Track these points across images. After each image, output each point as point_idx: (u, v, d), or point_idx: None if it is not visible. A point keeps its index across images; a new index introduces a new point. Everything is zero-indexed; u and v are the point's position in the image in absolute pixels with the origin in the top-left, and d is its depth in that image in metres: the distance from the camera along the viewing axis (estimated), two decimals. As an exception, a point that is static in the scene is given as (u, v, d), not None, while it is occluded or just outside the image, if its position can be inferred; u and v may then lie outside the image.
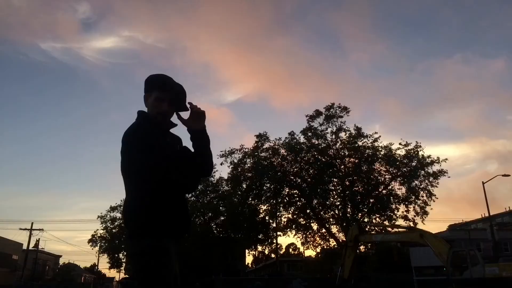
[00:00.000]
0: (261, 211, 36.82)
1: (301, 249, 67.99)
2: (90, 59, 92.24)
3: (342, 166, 33.89)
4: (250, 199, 35.65)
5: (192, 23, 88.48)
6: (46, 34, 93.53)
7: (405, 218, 32.00)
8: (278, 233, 37.54)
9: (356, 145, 33.02)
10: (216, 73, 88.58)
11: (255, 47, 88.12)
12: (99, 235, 48.43)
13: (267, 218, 37.16)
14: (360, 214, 33.26)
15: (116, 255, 46.54)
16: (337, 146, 33.88)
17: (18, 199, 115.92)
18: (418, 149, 32.23)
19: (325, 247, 35.92)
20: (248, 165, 34.29)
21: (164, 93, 2.31)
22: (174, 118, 2.44)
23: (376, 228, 27.75)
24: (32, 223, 45.80)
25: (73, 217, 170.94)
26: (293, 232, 34.36)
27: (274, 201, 35.00)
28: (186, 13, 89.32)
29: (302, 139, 33.94)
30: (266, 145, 34.10)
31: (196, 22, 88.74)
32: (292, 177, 34.58)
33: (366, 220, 32.71)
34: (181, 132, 2.47)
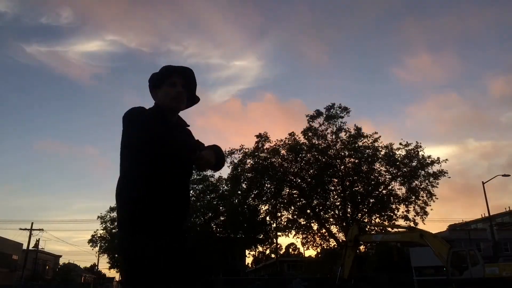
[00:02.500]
0: (261, 211, 36.86)
1: (301, 249, 68.15)
2: (75, 62, 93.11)
3: (342, 166, 33.89)
4: (250, 199, 35.66)
5: (177, 26, 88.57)
6: (31, 37, 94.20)
7: (405, 218, 32.05)
8: (278, 233, 37.57)
9: (356, 145, 33.06)
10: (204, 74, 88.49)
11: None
12: (99, 235, 48.54)
13: (267, 218, 37.19)
14: (360, 214, 33.29)
15: (116, 255, 46.50)
16: (337, 146, 33.90)
17: (18, 199, 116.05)
18: (419, 149, 32.34)
19: (325, 247, 35.90)
20: (248, 165, 34.29)
21: (176, 77, 2.31)
22: (185, 116, 2.44)
23: (376, 228, 27.73)
24: (32, 223, 45.83)
25: (73, 217, 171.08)
26: (293, 232, 34.42)
27: (274, 201, 34.99)
28: (171, 16, 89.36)
29: (302, 139, 34.04)
30: (267, 146, 34.15)
31: (181, 25, 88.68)
32: (292, 177, 34.57)
33: (366, 220, 32.73)
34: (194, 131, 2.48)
